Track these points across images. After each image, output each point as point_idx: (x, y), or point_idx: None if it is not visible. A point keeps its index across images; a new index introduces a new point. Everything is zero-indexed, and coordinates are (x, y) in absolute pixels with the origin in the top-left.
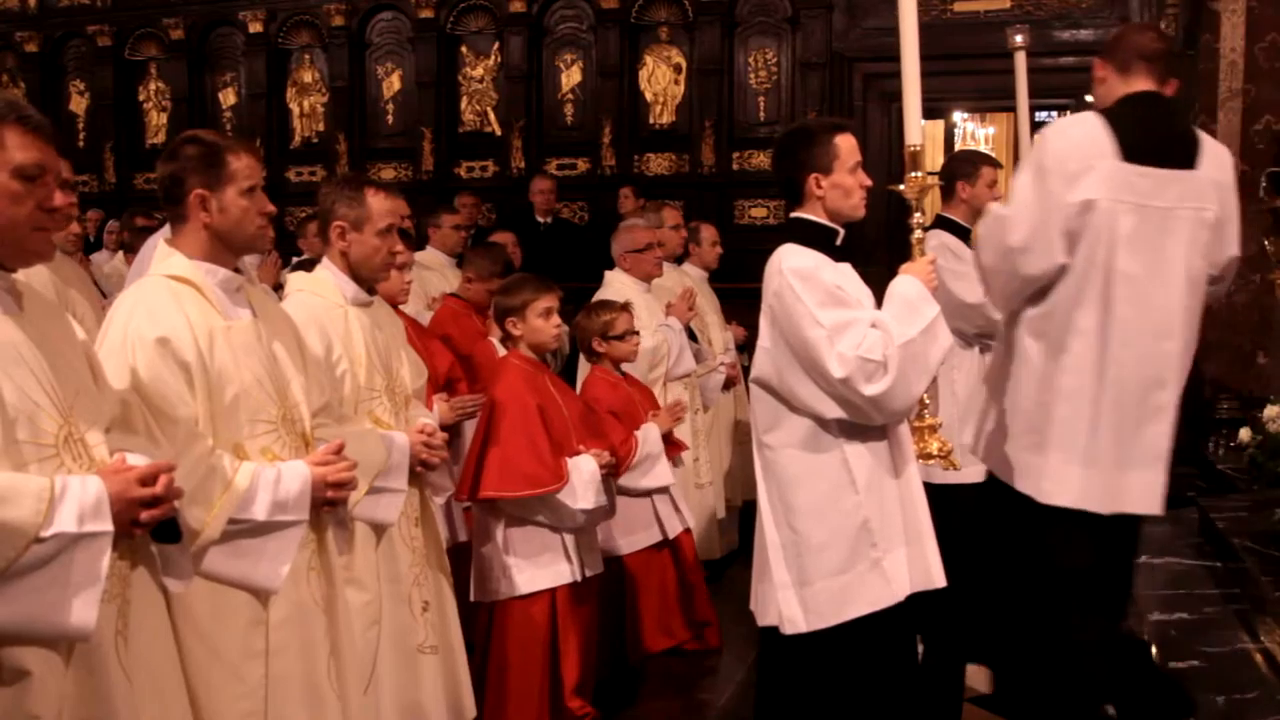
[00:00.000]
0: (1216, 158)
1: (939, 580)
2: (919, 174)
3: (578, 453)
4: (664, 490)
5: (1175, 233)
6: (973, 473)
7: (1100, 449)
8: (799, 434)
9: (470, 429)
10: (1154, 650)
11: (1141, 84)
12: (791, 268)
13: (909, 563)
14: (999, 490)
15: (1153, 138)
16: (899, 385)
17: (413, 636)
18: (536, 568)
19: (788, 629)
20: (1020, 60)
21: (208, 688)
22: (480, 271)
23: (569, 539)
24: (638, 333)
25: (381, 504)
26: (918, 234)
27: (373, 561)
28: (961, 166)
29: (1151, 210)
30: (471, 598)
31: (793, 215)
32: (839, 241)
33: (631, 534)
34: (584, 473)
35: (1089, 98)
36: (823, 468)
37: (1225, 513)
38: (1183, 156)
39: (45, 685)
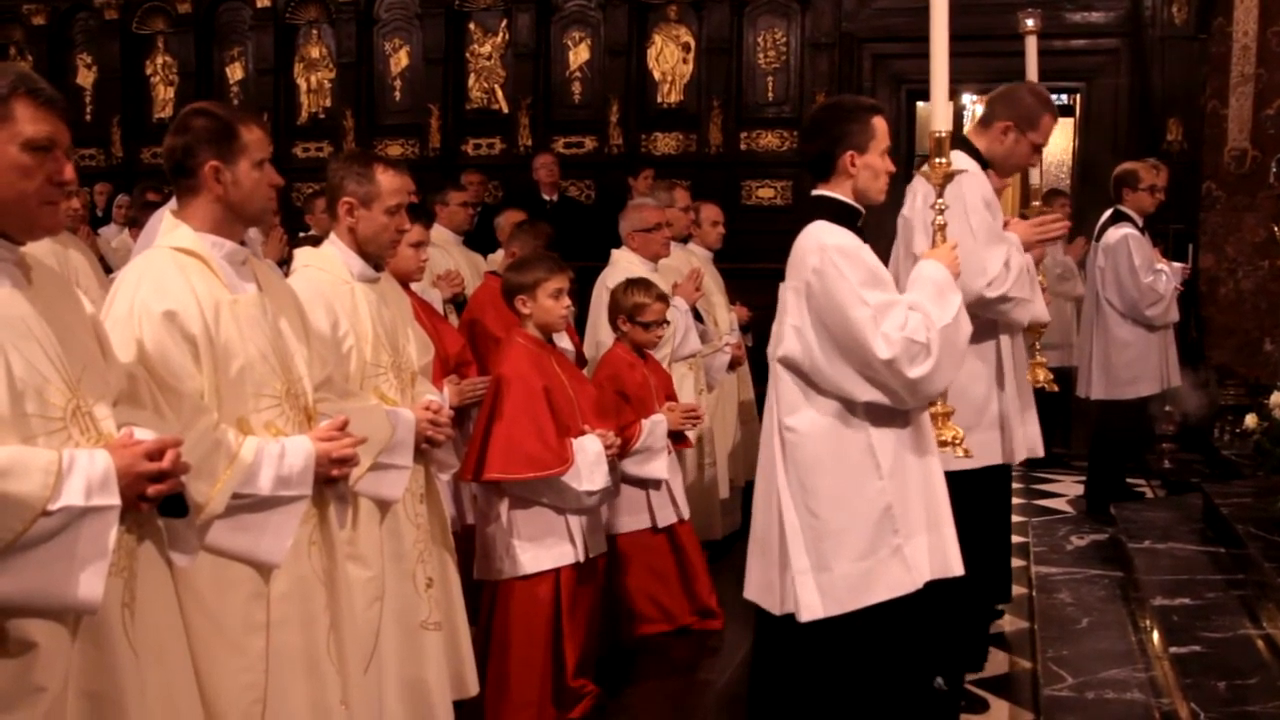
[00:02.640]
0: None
1: (957, 569)
2: (944, 160)
3: (583, 433)
4: (658, 484)
5: None
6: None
7: None
8: (825, 417)
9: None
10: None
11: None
12: (835, 245)
13: (929, 550)
14: None
15: None
16: (938, 369)
17: (416, 613)
18: (540, 548)
19: (805, 615)
20: (1031, 44)
21: (210, 659)
22: (524, 248)
23: (573, 520)
24: (666, 323)
25: (386, 480)
26: (939, 219)
27: (377, 538)
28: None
29: None
30: (475, 576)
31: (818, 192)
32: (860, 223)
33: (620, 516)
34: (589, 454)
35: None
36: (847, 452)
37: (1230, 499)
38: None
39: (52, 657)
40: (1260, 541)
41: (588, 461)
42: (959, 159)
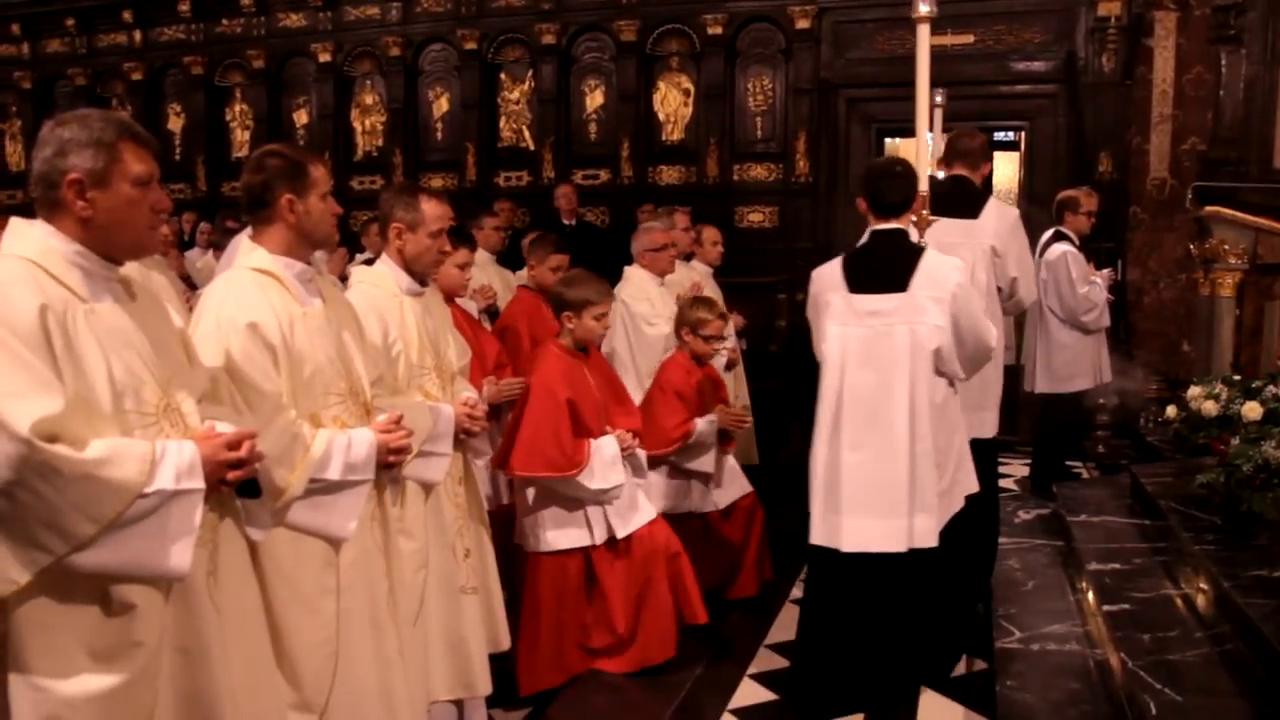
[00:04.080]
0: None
1: (974, 487)
2: (926, 211)
3: (605, 433)
4: (705, 477)
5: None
6: None
7: None
8: (944, 389)
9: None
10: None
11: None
12: (959, 267)
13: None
14: None
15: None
16: None
17: (456, 579)
18: (559, 531)
19: (935, 540)
20: (938, 114)
21: (289, 619)
22: (541, 257)
23: (592, 509)
24: (724, 339)
25: (430, 465)
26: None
27: (422, 514)
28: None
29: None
30: (514, 539)
31: (897, 226)
32: None
33: (667, 500)
34: (605, 455)
35: None
36: (953, 415)
37: (1153, 478)
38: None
39: (148, 616)
40: (1179, 515)
41: (603, 461)
42: (1004, 204)
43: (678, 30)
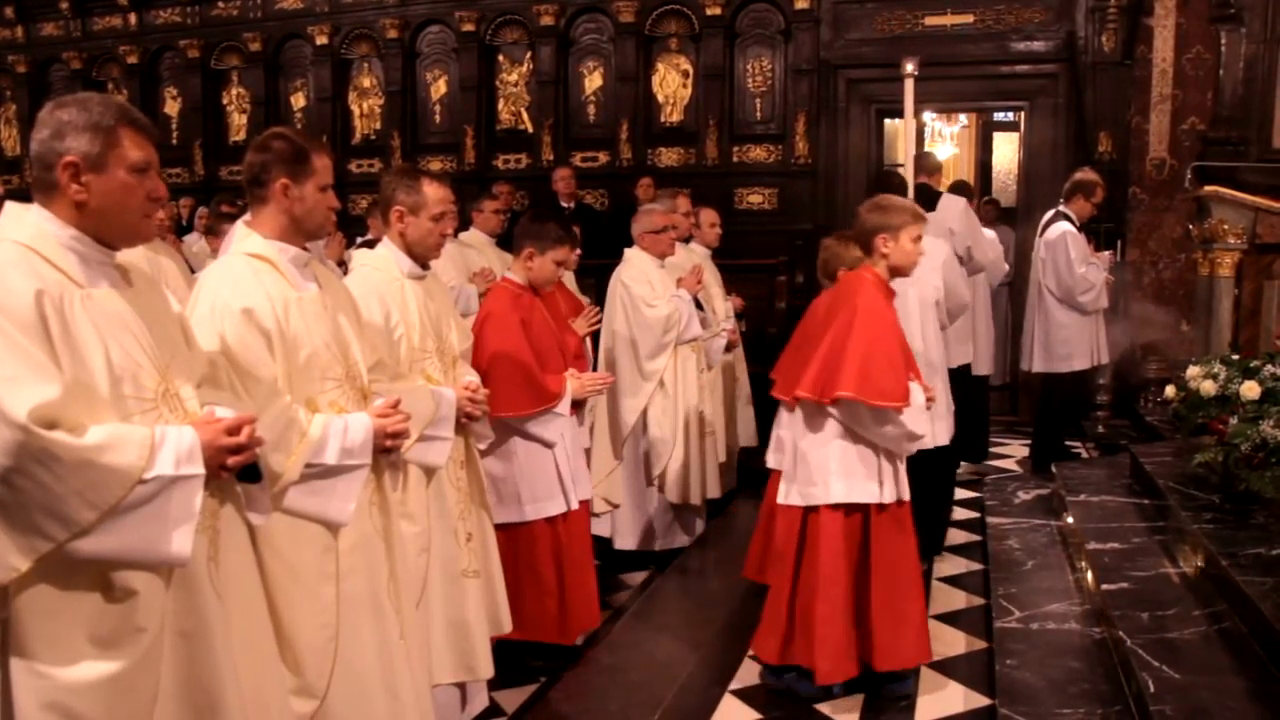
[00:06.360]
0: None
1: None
2: None
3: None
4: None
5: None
6: None
7: None
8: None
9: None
10: None
11: None
12: (947, 247)
13: None
14: None
15: None
16: None
17: (458, 562)
18: (855, 480)
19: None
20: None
21: (290, 604)
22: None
23: (886, 462)
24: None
25: (432, 450)
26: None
27: (424, 498)
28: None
29: None
30: (783, 500)
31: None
32: None
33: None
34: (917, 400)
35: None
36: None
37: (1153, 458)
38: None
39: (150, 602)
40: (1178, 494)
41: (917, 404)
42: (952, 196)
43: (676, 11)
